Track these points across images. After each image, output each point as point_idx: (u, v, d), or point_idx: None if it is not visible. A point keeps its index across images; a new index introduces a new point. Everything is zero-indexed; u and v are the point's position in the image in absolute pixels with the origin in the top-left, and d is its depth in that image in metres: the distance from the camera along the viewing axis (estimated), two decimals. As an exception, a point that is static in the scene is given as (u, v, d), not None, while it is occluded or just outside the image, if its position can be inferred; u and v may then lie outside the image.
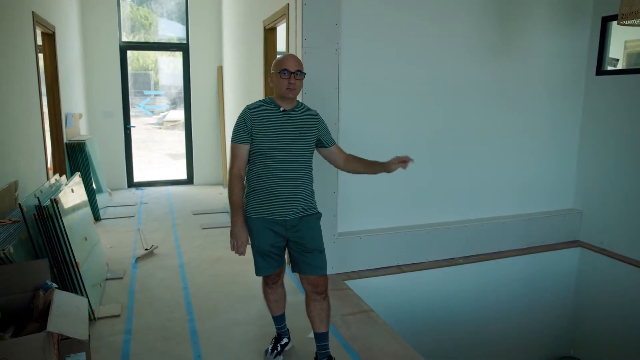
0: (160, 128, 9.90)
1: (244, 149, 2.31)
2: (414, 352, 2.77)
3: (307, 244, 2.34)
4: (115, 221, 5.41)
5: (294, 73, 2.26)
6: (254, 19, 4.99)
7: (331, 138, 2.51)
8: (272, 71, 2.35)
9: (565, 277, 4.66)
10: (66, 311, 2.37)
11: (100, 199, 5.66)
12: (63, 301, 2.46)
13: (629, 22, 2.92)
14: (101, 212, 5.52)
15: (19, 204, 2.73)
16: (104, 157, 6.63)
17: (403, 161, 2.36)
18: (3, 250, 2.46)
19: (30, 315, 2.46)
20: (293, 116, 2.35)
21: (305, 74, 2.35)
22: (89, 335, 2.47)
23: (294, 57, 2.33)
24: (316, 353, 2.48)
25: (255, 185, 2.33)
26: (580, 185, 4.71)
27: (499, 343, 4.43)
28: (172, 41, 7.55)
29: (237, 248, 2.32)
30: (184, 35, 7.43)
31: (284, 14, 3.79)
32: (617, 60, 4.41)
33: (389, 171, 2.42)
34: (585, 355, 4.55)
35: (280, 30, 4.43)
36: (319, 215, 2.43)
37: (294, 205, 2.32)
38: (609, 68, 4.43)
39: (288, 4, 3.67)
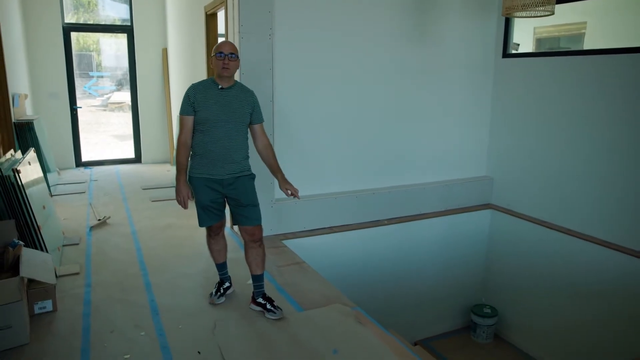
0: (105, 110, 9.93)
1: (189, 119, 2.75)
2: (339, 292, 3.30)
3: (242, 200, 2.81)
4: (67, 197, 5.65)
5: (227, 55, 2.70)
6: (196, 5, 5.31)
7: (258, 118, 2.89)
8: (211, 55, 2.77)
9: (478, 235, 5.34)
10: (35, 262, 2.74)
11: (50, 177, 5.85)
12: (31, 255, 2.82)
13: (512, 14, 3.50)
14: (52, 189, 5.73)
15: (-16, 174, 3.03)
16: (50, 137, 6.77)
17: (290, 193, 2.88)
18: (-27, 212, 2.78)
19: (1, 269, 2.81)
20: (230, 93, 2.79)
21: (238, 57, 2.78)
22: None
23: (228, 42, 2.78)
24: (253, 292, 2.97)
25: (198, 150, 2.77)
26: (491, 155, 5.37)
27: (421, 294, 5.07)
28: (116, 22, 7.69)
29: (181, 202, 2.79)
30: (127, 16, 7.59)
31: (223, 1, 4.16)
32: (518, 44, 5.06)
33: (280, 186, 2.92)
34: (494, 301, 5.28)
35: (221, 16, 4.77)
36: (252, 176, 2.89)
37: (229, 167, 2.78)
38: (512, 51, 5.08)
39: (226, -8, 4.04)
